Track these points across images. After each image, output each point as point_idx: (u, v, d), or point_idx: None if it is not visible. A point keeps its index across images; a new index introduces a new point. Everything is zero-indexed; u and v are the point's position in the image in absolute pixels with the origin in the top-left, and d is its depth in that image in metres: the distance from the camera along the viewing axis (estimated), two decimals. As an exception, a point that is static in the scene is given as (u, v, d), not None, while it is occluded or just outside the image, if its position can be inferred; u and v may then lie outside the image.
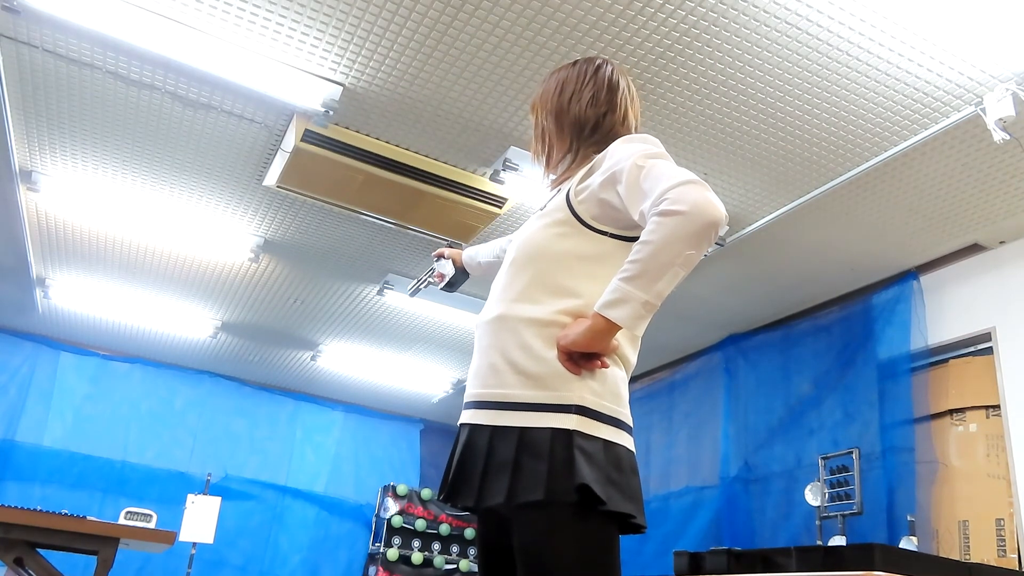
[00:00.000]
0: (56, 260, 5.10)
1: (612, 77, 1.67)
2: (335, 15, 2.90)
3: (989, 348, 3.79)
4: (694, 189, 1.31)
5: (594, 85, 1.66)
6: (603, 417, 1.37)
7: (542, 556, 1.32)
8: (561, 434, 1.33)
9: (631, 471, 1.38)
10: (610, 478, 1.33)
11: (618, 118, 1.65)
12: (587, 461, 1.31)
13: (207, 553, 6.37)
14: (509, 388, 1.41)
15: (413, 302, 5.16)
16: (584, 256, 1.47)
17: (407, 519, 6.98)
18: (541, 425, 1.35)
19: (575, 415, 1.35)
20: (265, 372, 6.93)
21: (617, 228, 1.48)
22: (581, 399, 1.36)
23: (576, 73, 1.69)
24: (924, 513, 3.78)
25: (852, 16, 2.68)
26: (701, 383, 5.45)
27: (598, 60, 1.71)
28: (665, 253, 1.29)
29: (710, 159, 3.53)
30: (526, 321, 1.44)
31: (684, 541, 5.00)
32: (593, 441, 1.34)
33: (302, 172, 3.67)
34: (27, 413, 6.26)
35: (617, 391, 1.41)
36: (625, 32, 2.87)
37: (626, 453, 1.38)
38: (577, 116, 1.64)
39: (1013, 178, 3.42)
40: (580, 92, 1.65)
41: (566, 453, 1.31)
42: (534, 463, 1.33)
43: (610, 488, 1.32)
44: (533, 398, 1.38)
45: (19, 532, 2.94)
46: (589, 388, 1.37)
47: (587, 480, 1.29)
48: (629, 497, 1.35)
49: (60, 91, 3.46)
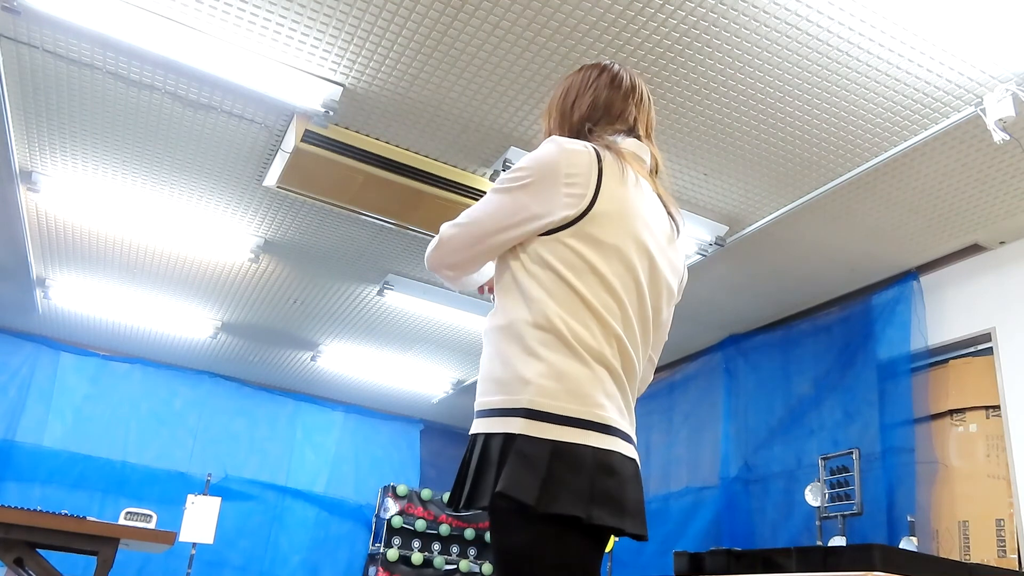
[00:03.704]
0: (56, 260, 5.10)
1: (618, 80, 1.66)
2: (335, 15, 2.90)
3: (989, 348, 3.78)
4: (435, 237, 1.60)
5: (595, 90, 1.65)
6: (554, 418, 1.35)
7: (494, 559, 1.39)
8: (508, 439, 1.36)
9: (599, 471, 1.35)
10: (557, 480, 1.32)
11: (623, 120, 1.64)
12: (520, 465, 1.32)
13: (207, 553, 6.37)
14: (482, 396, 1.47)
15: (413, 302, 5.16)
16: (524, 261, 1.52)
17: (407, 519, 6.98)
18: (494, 431, 1.39)
19: (521, 418, 1.36)
20: (265, 372, 6.93)
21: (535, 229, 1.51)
22: (529, 402, 1.37)
23: (582, 79, 1.68)
24: (924, 513, 3.78)
25: (852, 16, 2.68)
26: (701, 383, 5.45)
27: (605, 63, 1.70)
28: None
29: (711, 159, 3.53)
30: (491, 329, 1.51)
31: (684, 541, 5.01)
32: (538, 443, 1.34)
33: (302, 172, 3.67)
34: (27, 413, 6.26)
35: (578, 389, 1.38)
36: (625, 32, 2.87)
37: (590, 452, 1.35)
38: (580, 118, 1.63)
39: (1013, 178, 3.42)
40: (583, 96, 1.65)
41: (505, 458, 1.35)
42: (487, 469, 1.38)
43: (554, 490, 1.31)
44: (491, 404, 1.43)
45: (19, 532, 2.94)
46: (539, 389, 1.37)
47: (503, 487, 1.31)
48: (584, 498, 1.32)
49: (60, 91, 3.46)
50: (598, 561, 1.43)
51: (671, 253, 1.62)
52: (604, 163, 1.49)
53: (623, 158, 1.54)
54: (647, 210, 1.55)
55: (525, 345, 1.41)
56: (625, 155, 1.56)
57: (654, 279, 1.54)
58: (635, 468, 1.45)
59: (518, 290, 1.48)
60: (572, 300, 1.43)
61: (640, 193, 1.55)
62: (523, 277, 1.47)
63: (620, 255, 1.47)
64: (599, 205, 1.46)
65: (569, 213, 1.45)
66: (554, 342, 1.40)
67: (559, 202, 1.45)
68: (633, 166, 1.56)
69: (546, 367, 1.39)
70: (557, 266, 1.44)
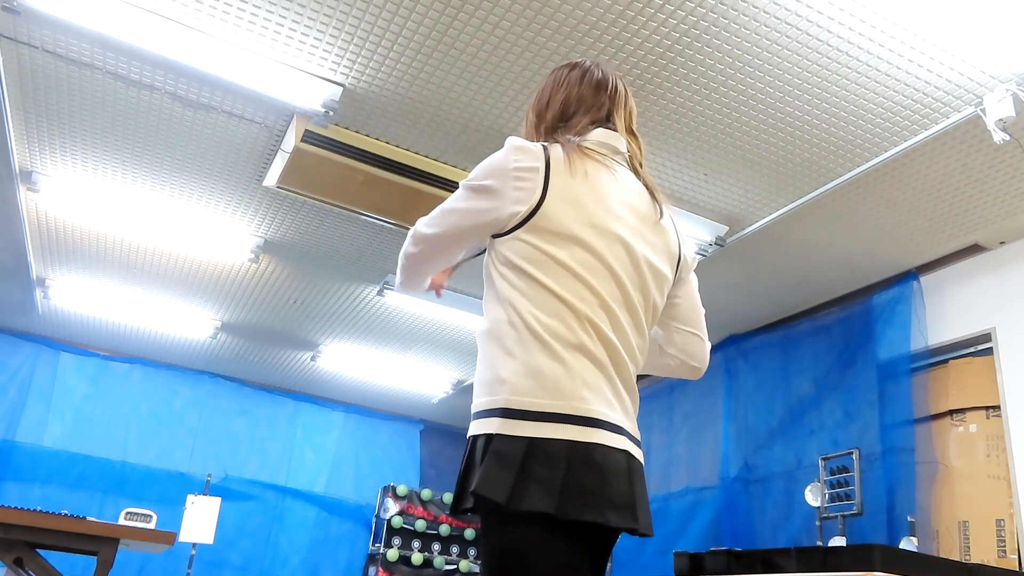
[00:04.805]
0: (56, 260, 5.10)
1: (587, 76, 1.67)
2: (335, 15, 2.90)
3: (989, 348, 3.78)
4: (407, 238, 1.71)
5: (567, 87, 1.66)
6: (529, 415, 1.36)
7: (481, 561, 1.44)
8: (488, 439, 1.38)
9: (574, 464, 1.34)
10: (530, 476, 1.32)
11: (594, 114, 1.64)
12: (495, 464, 1.33)
13: (207, 554, 6.37)
14: (474, 399, 1.49)
15: (413, 302, 5.16)
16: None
17: (407, 519, 6.98)
18: (479, 432, 1.41)
19: (498, 418, 1.38)
20: (265, 372, 6.93)
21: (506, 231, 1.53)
22: (506, 400, 1.38)
23: (554, 79, 1.71)
24: (924, 513, 3.78)
25: (852, 16, 2.68)
26: (701, 383, 5.44)
27: (577, 61, 1.72)
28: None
29: (710, 159, 3.53)
30: (480, 334, 1.53)
31: (684, 541, 5.00)
32: (513, 441, 1.34)
33: (302, 172, 3.67)
34: (27, 413, 6.26)
35: (553, 385, 1.38)
36: (625, 33, 2.87)
37: (565, 446, 1.34)
38: (553, 116, 1.65)
39: (1013, 178, 3.42)
40: (556, 94, 1.67)
41: (483, 458, 1.36)
42: (472, 470, 1.39)
43: (525, 487, 1.31)
44: (478, 406, 1.45)
45: (19, 532, 2.94)
46: (514, 387, 1.39)
47: (476, 487, 1.33)
48: (554, 493, 1.31)
49: (60, 91, 3.46)
50: (585, 558, 1.40)
51: (653, 235, 1.60)
52: (552, 159, 1.51)
53: (578, 151, 1.55)
54: (612, 197, 1.54)
55: (504, 345, 1.44)
56: (583, 147, 1.56)
57: (633, 263, 1.53)
58: (626, 459, 1.41)
59: (494, 292, 1.51)
60: (541, 294, 1.44)
61: (600, 182, 1.54)
62: (496, 279, 1.51)
63: (581, 243, 1.48)
64: (549, 199, 1.48)
65: (520, 209, 1.47)
66: (528, 339, 1.42)
67: (509, 196, 1.49)
68: (594, 155, 1.56)
69: (520, 365, 1.40)
70: (520, 263, 1.47)
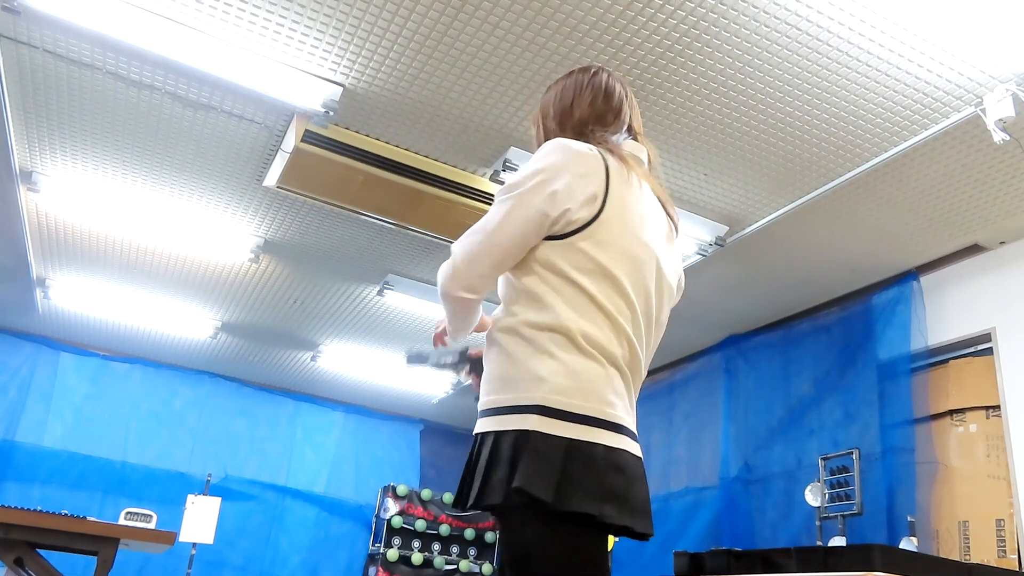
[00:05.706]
0: (56, 260, 5.10)
1: (608, 83, 1.69)
2: (335, 15, 2.90)
3: (989, 348, 3.78)
4: (447, 261, 1.55)
5: (592, 91, 1.68)
6: (568, 415, 1.37)
7: (504, 556, 1.40)
8: (522, 436, 1.36)
9: (609, 469, 1.37)
10: (571, 477, 1.33)
11: (620, 122, 1.67)
12: (537, 461, 1.33)
13: (207, 553, 6.37)
14: (489, 395, 1.47)
15: (413, 302, 5.16)
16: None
17: (407, 519, 6.98)
18: (506, 428, 1.39)
19: (535, 415, 1.37)
20: (265, 372, 6.93)
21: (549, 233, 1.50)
22: (544, 399, 1.38)
23: (574, 81, 1.71)
24: (924, 514, 3.78)
25: (852, 16, 2.68)
26: (701, 383, 5.45)
27: (594, 68, 1.74)
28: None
29: (710, 159, 3.53)
30: (498, 331, 1.50)
31: (684, 541, 5.00)
32: (553, 440, 1.35)
33: (302, 172, 3.67)
34: (27, 413, 6.26)
35: (591, 387, 1.40)
36: (625, 33, 2.87)
37: (602, 451, 1.37)
38: (581, 118, 1.65)
39: (1013, 178, 3.42)
40: (581, 95, 1.68)
41: (520, 455, 1.35)
42: (497, 466, 1.38)
43: (569, 488, 1.32)
44: (501, 402, 1.43)
45: (19, 532, 2.94)
46: (554, 387, 1.38)
47: (521, 483, 1.31)
48: (595, 496, 1.34)
49: (60, 91, 3.46)
50: (608, 559, 1.44)
51: (670, 253, 1.64)
52: (610, 166, 1.51)
53: (626, 161, 1.56)
54: (648, 211, 1.57)
55: (538, 345, 1.42)
56: (627, 158, 1.58)
57: (659, 280, 1.57)
58: (641, 467, 1.46)
59: (527, 294, 1.48)
60: (584, 303, 1.44)
61: (642, 195, 1.57)
62: (532, 282, 1.48)
63: (629, 257, 1.49)
64: (608, 208, 1.48)
65: (584, 214, 1.46)
66: (565, 343, 1.42)
67: (579, 198, 1.45)
68: (635, 168, 1.58)
69: (560, 365, 1.40)
70: (568, 271, 1.45)
